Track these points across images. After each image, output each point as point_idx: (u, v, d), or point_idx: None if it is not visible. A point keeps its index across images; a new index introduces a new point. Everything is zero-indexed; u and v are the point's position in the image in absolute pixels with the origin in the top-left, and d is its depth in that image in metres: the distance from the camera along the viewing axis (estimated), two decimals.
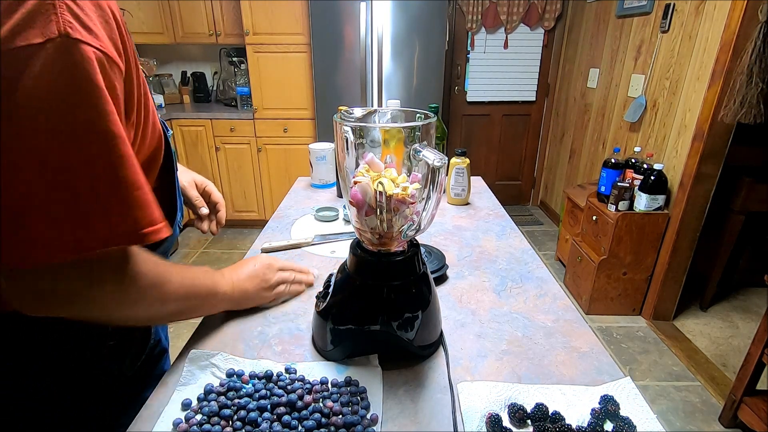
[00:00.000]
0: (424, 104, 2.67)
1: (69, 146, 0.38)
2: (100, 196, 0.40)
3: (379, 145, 0.59)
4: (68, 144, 0.38)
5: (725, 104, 1.76)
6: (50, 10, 0.36)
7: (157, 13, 2.85)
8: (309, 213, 1.18)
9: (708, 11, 1.89)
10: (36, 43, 0.36)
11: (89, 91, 0.38)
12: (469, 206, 1.25)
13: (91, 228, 0.40)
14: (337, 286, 0.64)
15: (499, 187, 3.75)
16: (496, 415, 0.53)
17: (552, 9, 3.18)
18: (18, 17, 0.36)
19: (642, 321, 2.27)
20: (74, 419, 0.59)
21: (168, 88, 3.20)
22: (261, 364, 0.62)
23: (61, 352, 0.55)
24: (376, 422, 0.53)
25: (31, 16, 0.36)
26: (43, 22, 0.36)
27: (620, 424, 0.52)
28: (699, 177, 1.96)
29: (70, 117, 0.38)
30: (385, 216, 0.57)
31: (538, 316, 0.75)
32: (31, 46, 0.36)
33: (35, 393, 0.55)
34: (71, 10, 0.37)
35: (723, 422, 1.64)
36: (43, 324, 0.52)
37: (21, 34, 0.36)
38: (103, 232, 0.41)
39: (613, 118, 2.64)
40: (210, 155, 3.01)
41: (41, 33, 0.36)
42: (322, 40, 2.61)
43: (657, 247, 2.14)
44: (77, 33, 0.37)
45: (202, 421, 0.52)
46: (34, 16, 0.36)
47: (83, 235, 0.40)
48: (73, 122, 0.38)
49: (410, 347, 0.62)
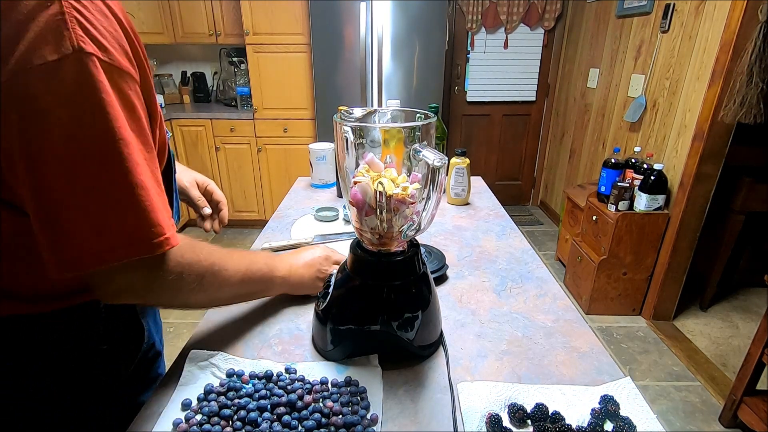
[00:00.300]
0: (424, 104, 2.67)
1: (87, 158, 0.40)
2: (118, 207, 0.42)
3: (379, 145, 0.59)
4: (86, 156, 0.40)
5: (725, 104, 1.76)
6: (62, 26, 0.37)
7: (157, 13, 2.85)
8: (309, 213, 1.18)
9: (708, 11, 1.89)
10: (52, 60, 0.36)
11: (104, 104, 0.39)
12: (469, 206, 1.25)
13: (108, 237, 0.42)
14: (337, 286, 0.64)
15: (499, 187, 3.75)
16: (496, 415, 0.53)
17: (552, 9, 3.18)
18: (32, 35, 0.36)
19: (642, 321, 2.27)
20: (74, 419, 0.59)
21: (168, 88, 3.20)
22: (261, 364, 0.62)
23: (56, 355, 0.55)
24: (376, 422, 0.53)
25: (44, 33, 0.37)
26: (56, 38, 0.37)
27: (620, 424, 0.52)
28: (699, 177, 1.96)
29: (86, 130, 0.39)
30: (385, 216, 0.57)
31: (538, 316, 0.75)
32: (48, 64, 0.36)
33: (35, 393, 0.55)
34: (81, 25, 0.38)
35: (723, 422, 1.64)
36: (37, 327, 0.52)
37: (36, 52, 0.36)
38: (121, 242, 0.43)
39: (613, 118, 2.64)
40: (210, 155, 3.01)
41: (55, 50, 0.37)
42: (322, 40, 2.61)
43: (657, 247, 2.14)
44: (90, 47, 0.38)
45: (202, 421, 0.52)
46: (46, 33, 0.37)
47: (106, 245, 0.42)
48: (89, 135, 0.40)
49: (410, 347, 0.62)
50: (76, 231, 0.41)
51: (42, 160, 0.39)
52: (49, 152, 0.39)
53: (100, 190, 0.41)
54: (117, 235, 0.42)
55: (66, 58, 0.37)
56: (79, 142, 0.39)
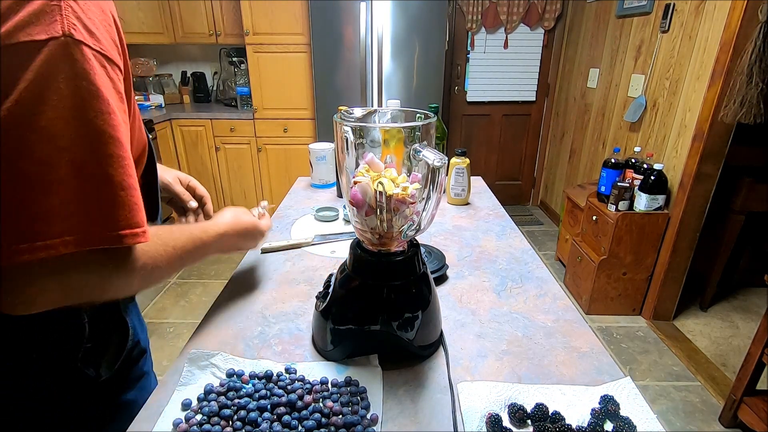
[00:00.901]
0: (424, 104, 2.67)
1: (61, 144, 0.38)
2: (88, 195, 0.40)
3: (379, 145, 0.59)
4: (61, 141, 0.38)
5: (725, 104, 1.76)
6: (56, 11, 0.37)
7: (157, 13, 2.85)
8: (309, 213, 1.18)
9: (708, 11, 1.89)
10: (39, 40, 0.36)
11: (88, 91, 0.39)
12: (469, 206, 1.25)
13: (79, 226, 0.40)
14: (337, 286, 0.64)
15: (499, 187, 3.75)
16: (496, 415, 0.53)
17: (552, 9, 3.18)
18: (23, 15, 0.36)
19: (642, 321, 2.27)
20: (74, 419, 0.59)
21: (168, 88, 3.20)
22: (261, 364, 0.62)
23: (42, 354, 0.54)
24: (376, 422, 0.53)
25: (36, 14, 0.37)
26: (47, 21, 0.37)
27: (620, 424, 0.52)
28: (699, 177, 1.96)
29: (66, 113, 0.38)
30: (385, 216, 0.57)
31: (538, 316, 0.75)
32: (34, 42, 0.36)
33: (35, 393, 0.55)
34: (76, 13, 0.38)
35: (723, 422, 1.64)
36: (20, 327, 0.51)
37: (24, 30, 0.36)
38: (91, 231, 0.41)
39: (613, 118, 2.64)
40: (210, 155, 3.01)
41: (45, 31, 0.37)
42: (322, 40, 2.61)
43: (657, 247, 2.14)
44: (80, 35, 0.38)
45: (202, 421, 0.52)
46: (39, 15, 0.37)
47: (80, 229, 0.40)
48: (70, 118, 0.38)
49: (410, 347, 0.62)
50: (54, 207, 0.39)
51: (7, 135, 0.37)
52: (7, 124, 0.37)
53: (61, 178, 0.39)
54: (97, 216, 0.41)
55: (53, 40, 0.37)
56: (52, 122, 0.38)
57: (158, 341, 2.04)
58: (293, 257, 0.95)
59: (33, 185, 0.38)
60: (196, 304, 2.37)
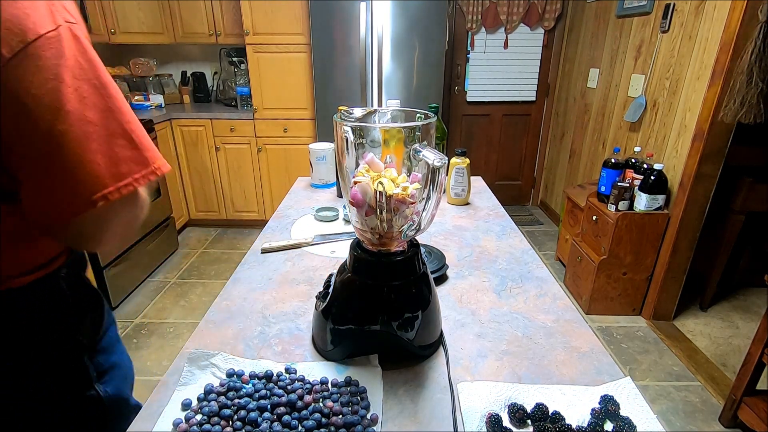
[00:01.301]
0: (424, 104, 2.67)
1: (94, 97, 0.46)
2: (134, 140, 0.48)
3: (379, 145, 0.59)
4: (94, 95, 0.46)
5: (725, 104, 1.76)
6: (50, 7, 0.45)
7: (157, 13, 2.85)
8: (309, 213, 1.18)
9: (708, 11, 1.89)
10: (52, 29, 0.44)
11: (95, 58, 0.48)
12: (469, 206, 1.25)
13: (139, 164, 0.48)
14: (337, 285, 0.64)
15: (499, 187, 3.75)
16: (496, 415, 0.53)
17: (552, 9, 3.18)
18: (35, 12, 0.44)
19: (642, 321, 2.27)
20: (74, 419, 0.59)
21: (168, 88, 3.20)
22: (261, 364, 0.62)
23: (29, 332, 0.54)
24: (376, 422, 0.53)
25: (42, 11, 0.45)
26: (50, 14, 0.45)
27: (620, 424, 0.52)
28: (699, 177, 1.96)
29: (95, 73, 0.47)
30: (385, 216, 0.57)
31: (538, 316, 0.75)
32: (51, 32, 0.44)
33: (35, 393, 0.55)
34: (63, 7, 0.47)
35: (723, 422, 1.64)
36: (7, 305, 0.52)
37: (40, 24, 0.44)
38: (146, 166, 0.49)
39: (613, 118, 2.64)
40: (210, 155, 3.01)
41: (53, 22, 0.44)
42: (322, 40, 2.61)
43: (657, 247, 2.14)
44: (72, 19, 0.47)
45: (202, 421, 0.52)
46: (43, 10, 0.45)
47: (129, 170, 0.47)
48: (99, 76, 0.47)
49: (410, 347, 0.62)
50: (94, 162, 0.45)
51: (62, 101, 0.44)
52: (67, 98, 0.44)
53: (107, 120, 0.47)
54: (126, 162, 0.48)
55: (60, 27, 0.45)
56: (89, 83, 0.46)
57: (158, 341, 2.04)
58: (293, 257, 0.95)
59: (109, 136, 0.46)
60: (196, 304, 2.37)
